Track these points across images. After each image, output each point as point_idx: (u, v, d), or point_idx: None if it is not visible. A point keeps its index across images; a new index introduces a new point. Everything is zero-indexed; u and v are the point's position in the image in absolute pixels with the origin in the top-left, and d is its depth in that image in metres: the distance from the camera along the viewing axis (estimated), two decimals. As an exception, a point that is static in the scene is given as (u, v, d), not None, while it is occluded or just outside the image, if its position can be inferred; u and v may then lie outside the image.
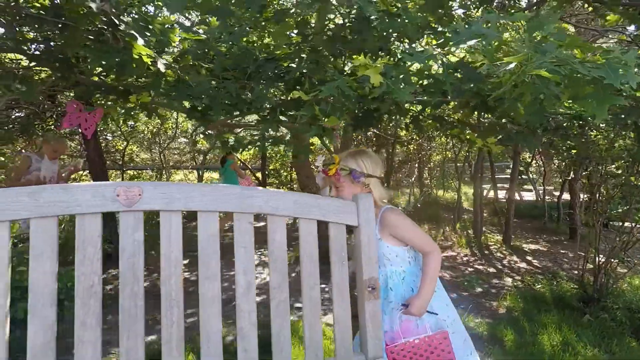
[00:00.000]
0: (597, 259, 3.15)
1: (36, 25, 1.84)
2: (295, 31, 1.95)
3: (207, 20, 2.29)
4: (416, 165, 9.14)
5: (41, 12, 1.75)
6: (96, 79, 2.24)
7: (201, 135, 11.30)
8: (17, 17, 1.79)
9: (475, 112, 2.25)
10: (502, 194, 9.85)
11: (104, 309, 1.07)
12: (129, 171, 10.29)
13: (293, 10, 2.05)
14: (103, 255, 1.08)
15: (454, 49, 1.66)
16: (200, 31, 2.01)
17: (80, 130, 4.28)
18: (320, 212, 1.29)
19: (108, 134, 9.13)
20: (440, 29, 2.37)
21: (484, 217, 7.46)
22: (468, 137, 2.12)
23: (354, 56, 1.33)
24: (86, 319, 1.04)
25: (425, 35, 2.53)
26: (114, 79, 1.96)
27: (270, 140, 1.87)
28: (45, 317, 1.00)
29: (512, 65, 0.99)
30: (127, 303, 1.07)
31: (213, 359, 1.11)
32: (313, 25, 2.05)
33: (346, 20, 1.78)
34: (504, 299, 3.52)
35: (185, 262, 4.60)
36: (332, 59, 1.80)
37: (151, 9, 2.56)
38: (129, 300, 1.07)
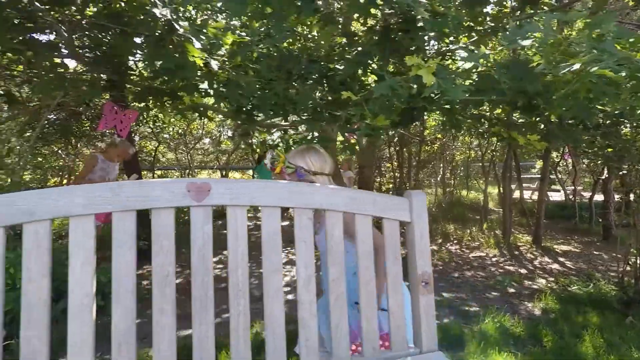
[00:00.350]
0: (638, 260, 3.07)
1: (93, 33, 1.94)
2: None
3: (247, 23, 2.36)
4: (441, 165, 9.04)
5: (94, 19, 1.85)
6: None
7: (225, 137, 11.50)
8: (77, 26, 1.90)
9: (510, 110, 2.23)
10: (527, 194, 9.65)
11: (141, 303, 1.10)
12: (157, 171, 10.57)
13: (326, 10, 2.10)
14: (137, 252, 1.10)
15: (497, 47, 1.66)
16: (243, 34, 2.08)
17: (115, 131, 4.45)
18: (376, 209, 1.33)
19: (136, 135, 9.43)
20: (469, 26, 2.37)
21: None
22: (510, 135, 2.11)
23: (407, 57, 1.36)
24: (163, 305, 1.10)
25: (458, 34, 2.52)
26: (164, 81, 2.05)
27: (315, 139, 1.92)
28: (127, 304, 1.08)
29: (576, 66, 1.01)
30: (198, 292, 1.13)
31: (279, 352, 1.16)
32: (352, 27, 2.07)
33: (392, 21, 1.81)
34: (539, 299, 3.47)
35: (216, 259, 4.72)
36: (378, 60, 1.83)
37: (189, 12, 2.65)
38: (200, 290, 1.13)
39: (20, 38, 1.52)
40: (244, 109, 1.95)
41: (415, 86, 1.53)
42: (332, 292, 1.25)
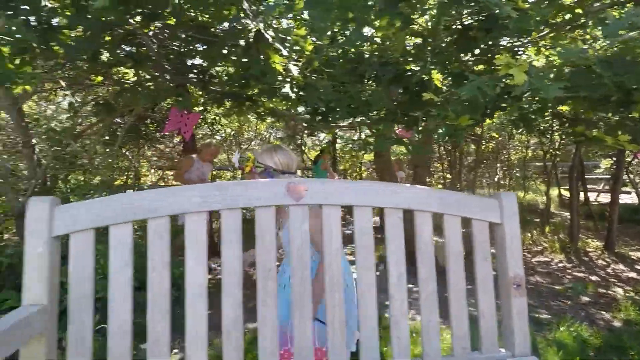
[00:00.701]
0: None
1: (179, 45, 2.09)
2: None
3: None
4: (497, 164, 8.66)
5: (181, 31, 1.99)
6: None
7: (274, 138, 11.80)
8: (165, 39, 2.05)
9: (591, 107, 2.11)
10: (592, 196, 8.98)
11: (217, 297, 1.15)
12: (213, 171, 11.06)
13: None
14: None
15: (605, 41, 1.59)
16: (313, 39, 2.14)
17: (178, 133, 4.73)
18: (464, 209, 1.32)
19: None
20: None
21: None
22: (595, 134, 2.00)
23: (497, 56, 1.34)
24: (266, 298, 1.17)
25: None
26: (241, 86, 2.15)
27: (389, 140, 1.94)
28: (235, 296, 1.16)
29: None
30: (297, 288, 1.19)
31: (373, 349, 1.19)
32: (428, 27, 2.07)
33: (471, 20, 1.79)
34: (618, 310, 3.23)
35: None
36: (455, 60, 1.81)
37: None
38: (299, 286, 1.19)
39: (124, 52, 1.70)
40: (320, 111, 2.01)
41: (502, 85, 1.51)
42: (423, 291, 1.26)
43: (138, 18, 1.89)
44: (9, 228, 3.55)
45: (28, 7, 1.64)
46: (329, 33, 2.38)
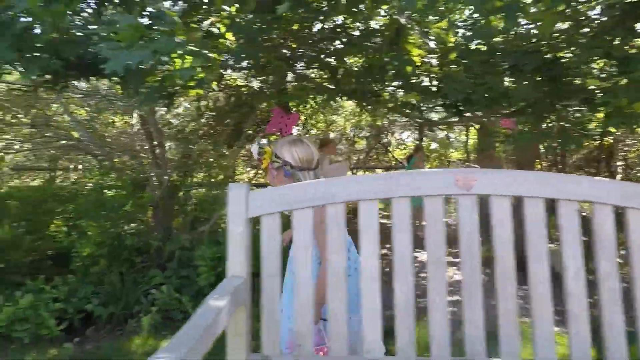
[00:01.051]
0: None
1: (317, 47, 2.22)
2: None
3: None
4: (617, 163, 7.68)
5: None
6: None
7: (358, 136, 11.87)
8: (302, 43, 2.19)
9: None
10: None
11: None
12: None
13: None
14: None
15: None
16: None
17: (280, 133, 5.01)
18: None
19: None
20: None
21: None
22: None
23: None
24: (435, 285, 1.20)
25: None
26: (371, 82, 2.21)
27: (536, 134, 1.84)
28: (406, 280, 1.21)
29: None
30: (467, 279, 1.20)
31: (546, 347, 1.15)
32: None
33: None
34: None
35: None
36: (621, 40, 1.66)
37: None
38: (470, 277, 1.20)
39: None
40: (455, 103, 1.99)
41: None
42: (603, 286, 1.19)
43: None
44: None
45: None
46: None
